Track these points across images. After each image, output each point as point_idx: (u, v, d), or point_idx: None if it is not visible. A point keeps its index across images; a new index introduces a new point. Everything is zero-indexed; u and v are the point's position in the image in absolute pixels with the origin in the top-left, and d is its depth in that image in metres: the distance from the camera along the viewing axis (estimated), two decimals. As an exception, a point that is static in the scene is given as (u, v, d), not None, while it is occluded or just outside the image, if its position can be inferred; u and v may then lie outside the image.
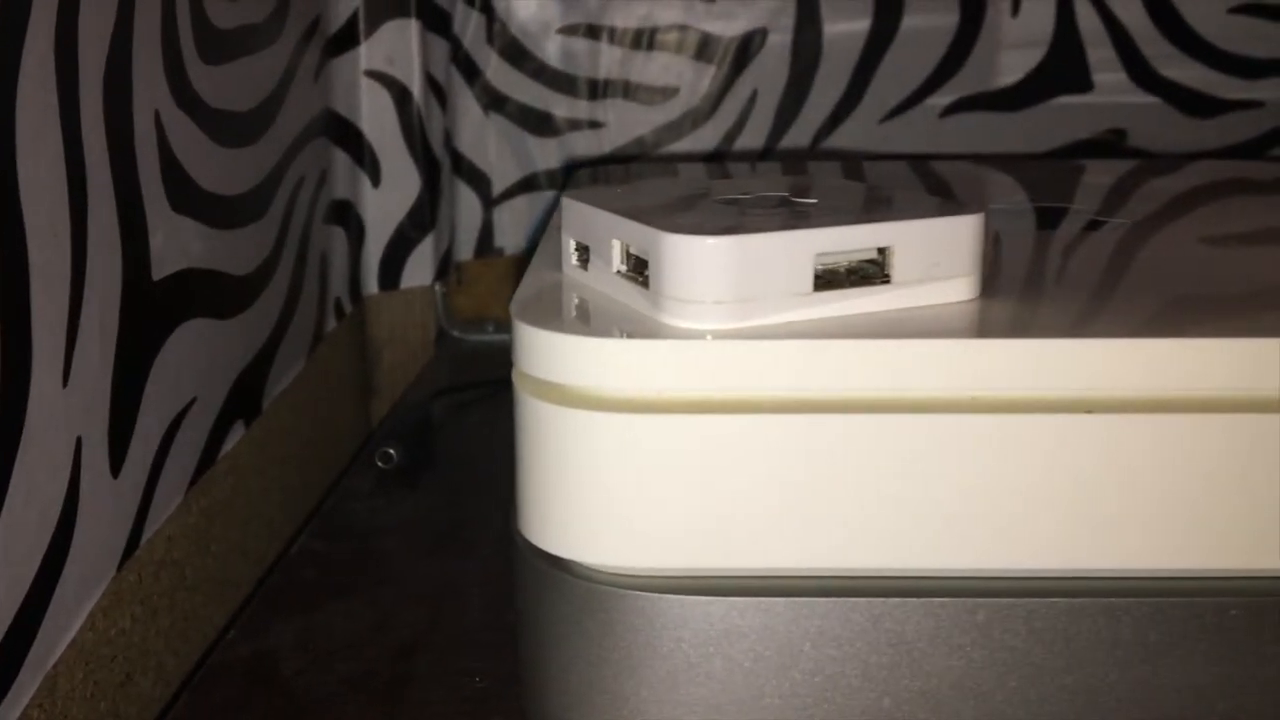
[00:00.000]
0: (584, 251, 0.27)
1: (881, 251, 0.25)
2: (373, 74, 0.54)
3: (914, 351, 0.23)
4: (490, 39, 0.56)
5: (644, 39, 0.56)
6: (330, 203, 0.53)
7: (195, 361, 0.38)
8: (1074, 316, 0.25)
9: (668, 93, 0.57)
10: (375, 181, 0.55)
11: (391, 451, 0.42)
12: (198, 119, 0.38)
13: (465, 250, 0.59)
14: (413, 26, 0.54)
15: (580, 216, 0.27)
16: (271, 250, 0.45)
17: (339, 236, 0.54)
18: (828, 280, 0.24)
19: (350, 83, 0.54)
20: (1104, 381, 0.23)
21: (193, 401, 0.38)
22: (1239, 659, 0.24)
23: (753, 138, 0.57)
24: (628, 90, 0.57)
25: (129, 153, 0.33)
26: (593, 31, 0.56)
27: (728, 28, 0.56)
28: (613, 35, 0.56)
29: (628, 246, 0.25)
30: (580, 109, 0.57)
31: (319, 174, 0.51)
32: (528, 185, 0.58)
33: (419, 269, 0.55)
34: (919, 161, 0.49)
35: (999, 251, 0.31)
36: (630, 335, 0.24)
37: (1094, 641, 0.24)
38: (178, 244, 0.37)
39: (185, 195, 0.37)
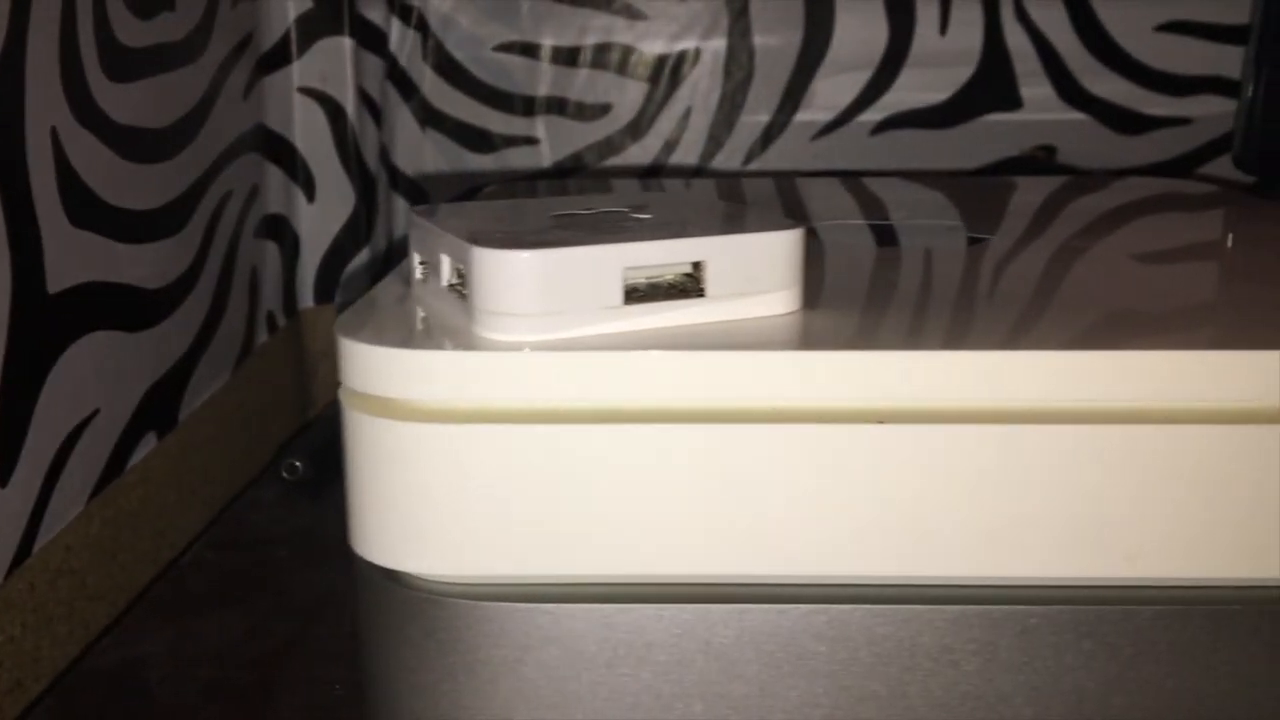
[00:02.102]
0: (425, 266, 0.28)
1: (696, 266, 0.25)
2: (306, 91, 0.55)
3: (717, 363, 0.24)
4: (426, 56, 0.57)
5: (578, 56, 0.57)
6: (263, 217, 0.54)
7: (99, 373, 0.39)
8: (885, 330, 0.26)
9: (602, 110, 0.58)
10: (310, 196, 0.56)
11: (298, 464, 0.42)
12: (103, 136, 0.39)
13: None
14: (346, 44, 0.55)
15: (421, 232, 0.27)
16: (191, 264, 0.46)
17: (271, 250, 0.55)
18: (641, 293, 0.25)
19: (283, 99, 0.55)
20: (897, 392, 0.24)
21: (95, 413, 0.39)
22: (1043, 668, 0.25)
23: (687, 154, 0.58)
24: (563, 107, 0.58)
25: (20, 169, 0.33)
26: (527, 49, 0.57)
27: (660, 46, 0.57)
28: (547, 53, 0.57)
29: (453, 261, 0.26)
30: (516, 125, 0.58)
31: (249, 189, 0.52)
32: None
33: (356, 283, 0.56)
34: (849, 178, 0.50)
35: (849, 266, 0.31)
36: (443, 348, 0.24)
37: (900, 649, 0.25)
38: (78, 258, 0.37)
39: (87, 210, 0.38)
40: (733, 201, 0.29)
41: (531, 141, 0.58)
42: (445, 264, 0.26)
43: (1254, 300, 0.29)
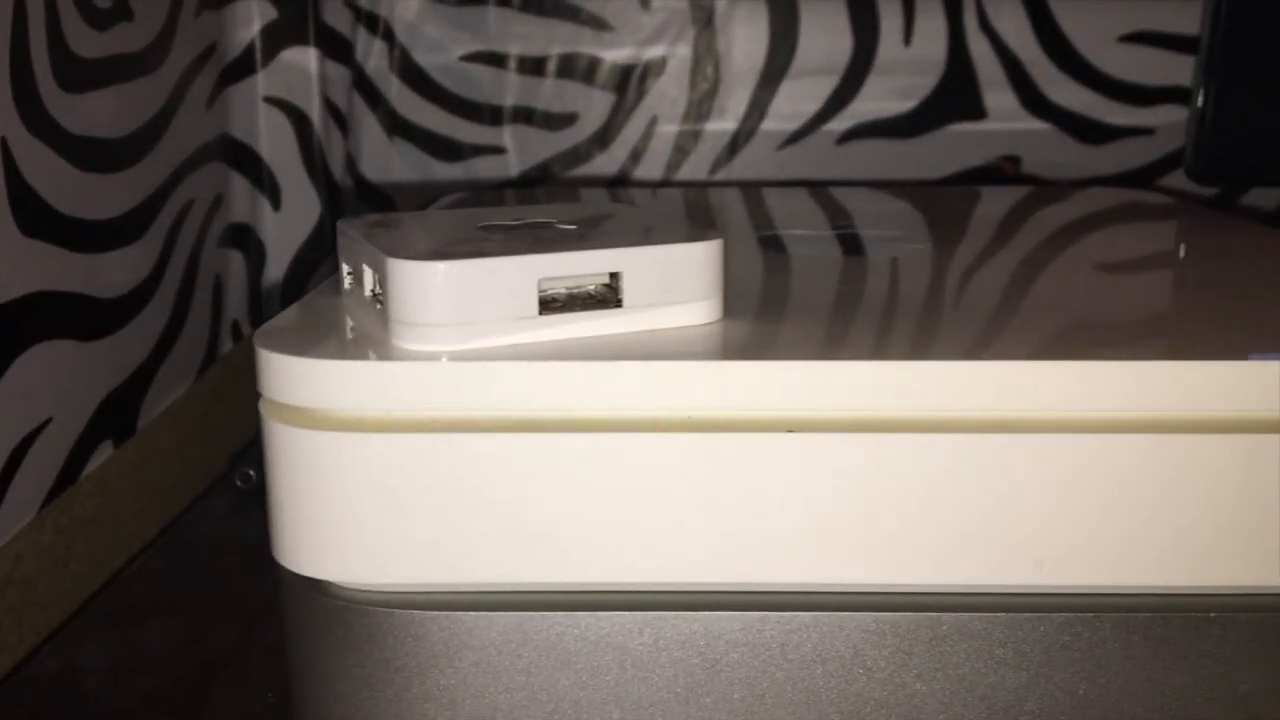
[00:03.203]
0: (351, 276, 0.28)
1: (614, 277, 0.25)
2: (271, 100, 0.56)
3: (622, 372, 0.24)
4: (392, 66, 0.57)
5: (544, 66, 0.57)
6: (227, 226, 0.55)
7: (51, 382, 0.39)
8: (801, 340, 0.26)
9: (568, 119, 0.58)
10: (276, 205, 0.56)
11: (251, 472, 0.43)
12: (56, 146, 0.39)
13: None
14: (311, 54, 0.55)
15: (347, 242, 0.28)
16: (150, 273, 0.46)
17: (236, 259, 0.55)
18: (560, 304, 0.25)
19: (249, 108, 0.55)
20: (805, 401, 0.24)
21: (48, 421, 0.39)
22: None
23: (653, 163, 0.58)
24: (530, 117, 0.58)
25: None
26: (494, 59, 0.57)
27: (626, 55, 0.57)
28: (513, 62, 0.57)
29: (374, 271, 0.26)
30: (483, 135, 0.58)
31: (213, 198, 0.53)
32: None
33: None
34: (820, 188, 0.50)
35: (779, 276, 0.31)
36: (357, 358, 0.24)
37: (814, 655, 0.25)
38: (29, 268, 0.38)
39: (39, 220, 0.38)
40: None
41: (499, 151, 0.58)
42: (367, 274, 0.26)
43: (1169, 310, 0.29)
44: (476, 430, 0.24)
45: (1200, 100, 0.43)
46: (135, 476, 0.45)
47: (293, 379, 0.24)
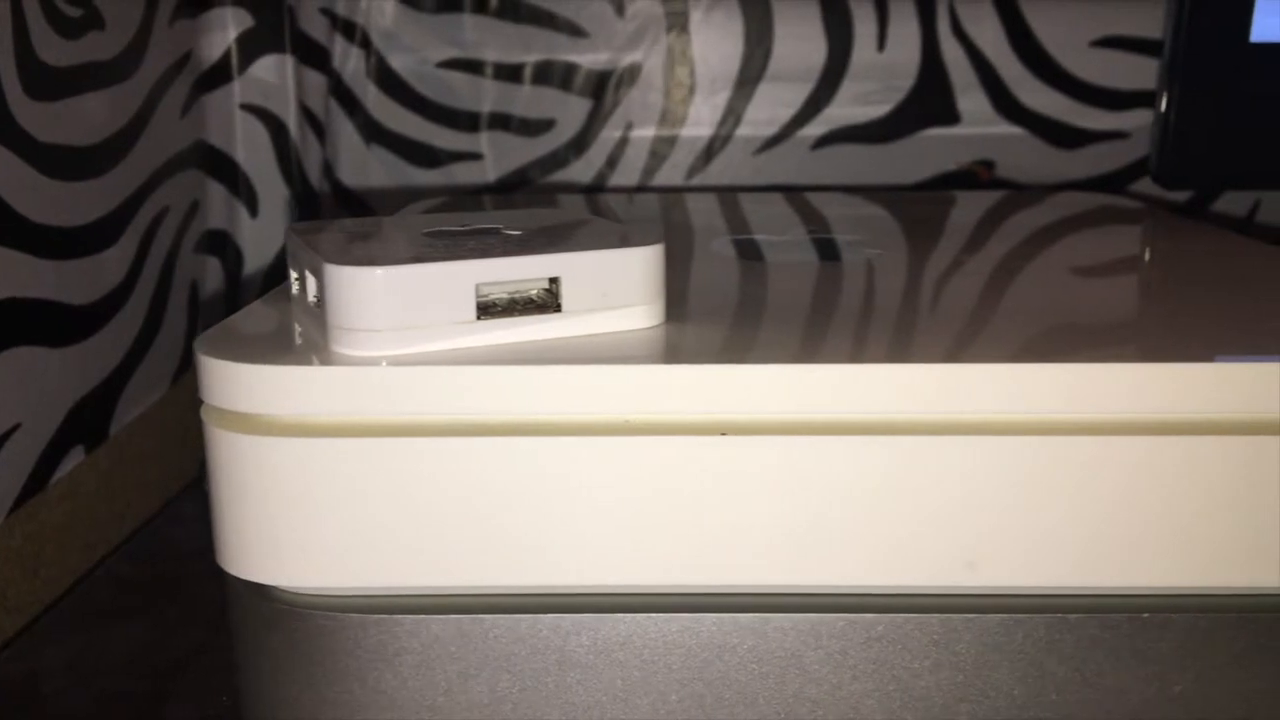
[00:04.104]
0: (299, 282, 0.28)
1: (553, 282, 0.26)
2: (248, 107, 0.56)
3: (554, 376, 0.24)
4: (370, 73, 0.57)
5: (521, 73, 0.57)
6: (204, 233, 0.55)
7: (20, 388, 0.39)
8: (739, 344, 0.26)
9: (545, 125, 0.58)
10: (253, 212, 0.57)
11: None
12: (24, 154, 0.40)
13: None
14: (287, 62, 0.56)
15: (294, 248, 0.28)
16: (123, 279, 0.46)
17: (213, 266, 0.56)
18: (498, 309, 0.25)
19: (225, 116, 0.56)
20: (739, 405, 0.24)
21: (16, 427, 0.39)
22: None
23: (630, 169, 0.59)
24: (507, 123, 0.58)
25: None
26: (471, 66, 0.57)
27: (602, 62, 0.57)
28: (489, 69, 0.57)
29: (315, 277, 0.26)
30: (461, 141, 0.58)
31: (188, 205, 0.53)
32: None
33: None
34: (795, 194, 0.50)
35: (732, 281, 0.32)
36: (295, 363, 0.25)
37: (751, 656, 0.25)
38: (-1, 275, 0.38)
39: (6, 227, 0.38)
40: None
41: (476, 157, 0.59)
42: (310, 280, 0.27)
43: (1115, 314, 0.29)
44: (415, 434, 0.24)
45: (1164, 104, 0.43)
46: (107, 482, 0.45)
47: (232, 385, 0.25)
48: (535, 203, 0.51)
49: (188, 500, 0.45)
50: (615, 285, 0.26)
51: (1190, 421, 0.25)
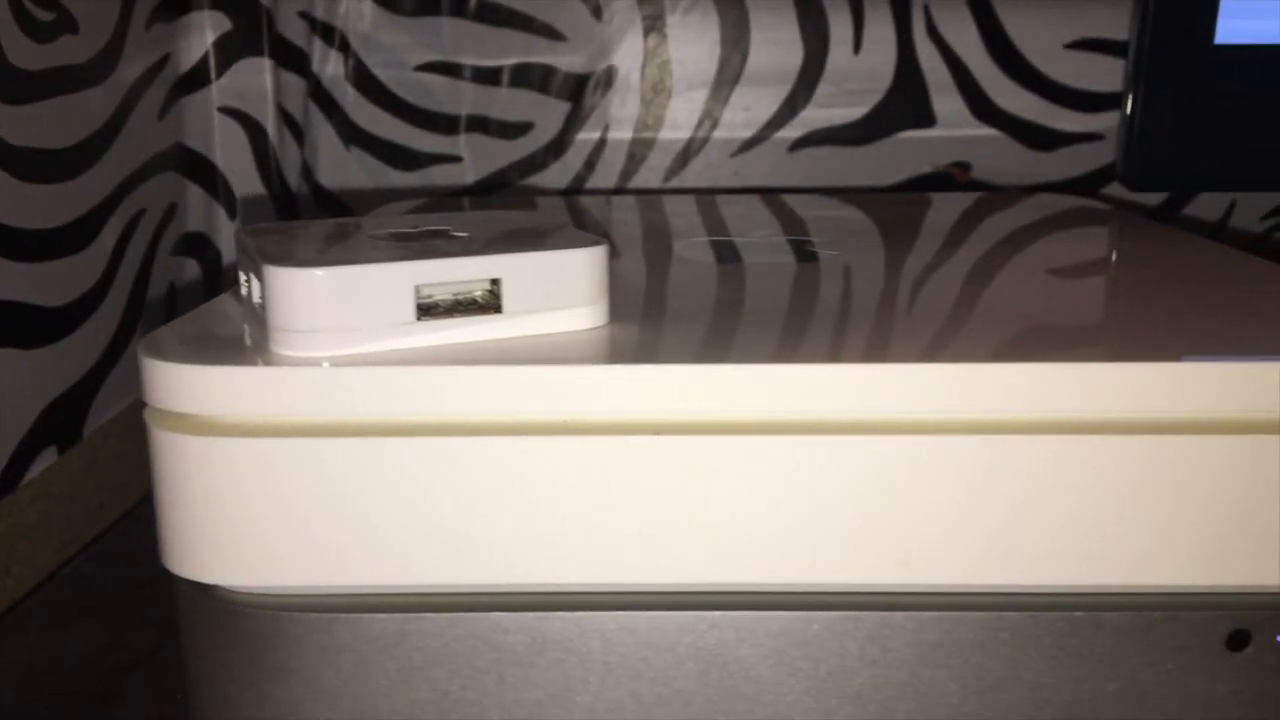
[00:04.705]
0: (247, 283, 0.28)
1: (495, 283, 0.26)
2: (226, 110, 0.56)
3: (490, 376, 0.24)
4: (348, 76, 0.58)
5: (498, 75, 0.58)
6: (182, 235, 0.55)
7: (-9, 389, 0.40)
8: (679, 344, 0.26)
9: (523, 128, 0.58)
10: (231, 214, 0.57)
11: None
12: (-4, 157, 0.40)
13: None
14: (266, 65, 0.56)
15: (242, 248, 0.28)
16: (98, 281, 0.47)
17: (192, 268, 0.56)
18: (440, 310, 0.26)
19: (204, 119, 0.56)
20: (673, 405, 0.24)
21: (-13, 427, 0.40)
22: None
23: (608, 171, 0.59)
24: (485, 126, 0.58)
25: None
26: (449, 69, 0.58)
27: (580, 65, 0.58)
28: (468, 72, 0.58)
29: (257, 278, 0.27)
30: (440, 144, 0.59)
31: (166, 207, 0.53)
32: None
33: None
34: (772, 195, 0.51)
35: (686, 282, 0.32)
36: (235, 363, 0.25)
37: (690, 654, 0.25)
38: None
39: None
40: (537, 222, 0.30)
41: (455, 160, 0.59)
42: (254, 281, 0.27)
43: (1062, 314, 0.29)
44: (355, 434, 0.25)
45: (1129, 107, 0.43)
46: (81, 483, 0.45)
47: (172, 385, 0.25)
48: (514, 205, 0.51)
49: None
50: (557, 286, 0.26)
51: (1122, 421, 0.25)
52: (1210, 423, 0.24)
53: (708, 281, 0.33)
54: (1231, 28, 0.42)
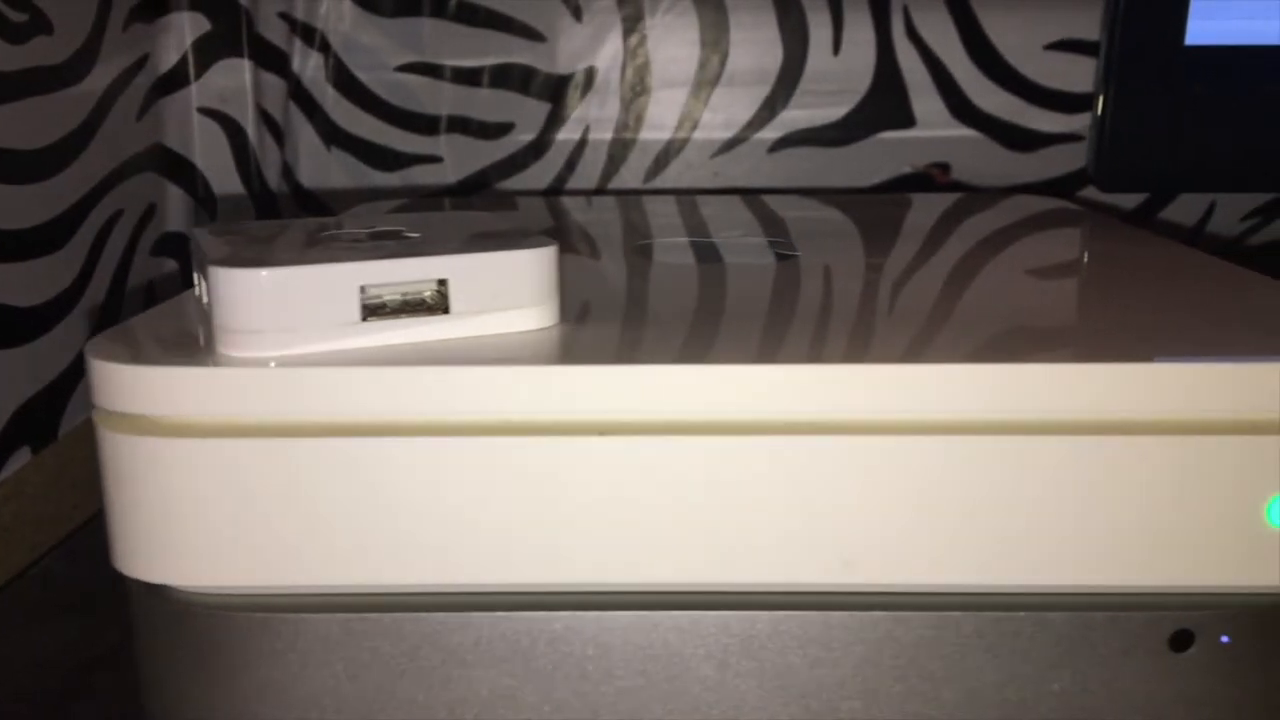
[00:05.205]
0: (201, 284, 0.28)
1: (442, 283, 0.26)
2: (206, 111, 0.56)
3: (436, 377, 0.25)
4: (329, 76, 0.58)
5: (479, 76, 0.58)
6: (161, 235, 0.55)
7: (-39, 389, 0.40)
8: (625, 345, 0.26)
9: (504, 129, 0.59)
10: (211, 215, 0.57)
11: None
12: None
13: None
14: (245, 66, 0.56)
15: (196, 249, 0.28)
16: (73, 281, 0.47)
17: (172, 268, 0.56)
18: (388, 310, 0.26)
19: (183, 119, 0.56)
20: (617, 405, 0.25)
21: (-42, 427, 0.40)
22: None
23: (588, 172, 0.59)
24: (466, 126, 0.59)
25: None
26: (429, 69, 0.58)
27: (560, 66, 0.58)
28: (448, 72, 0.58)
29: (204, 278, 0.27)
30: (420, 144, 0.59)
31: (144, 207, 0.53)
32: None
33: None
34: (754, 195, 0.51)
35: (641, 284, 0.32)
36: (179, 364, 0.25)
37: (633, 654, 0.26)
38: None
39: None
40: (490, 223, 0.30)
41: (435, 160, 0.59)
42: (204, 282, 0.27)
43: (1007, 314, 0.29)
44: (301, 435, 0.25)
45: (1100, 107, 0.43)
46: (55, 482, 0.45)
47: (119, 386, 0.25)
48: (497, 206, 0.51)
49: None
50: (504, 287, 0.26)
51: (1064, 423, 0.25)
52: (1151, 424, 0.24)
53: (665, 281, 0.33)
54: (1202, 29, 0.42)
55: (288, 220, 0.31)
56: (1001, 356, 0.25)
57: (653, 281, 0.33)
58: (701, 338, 0.27)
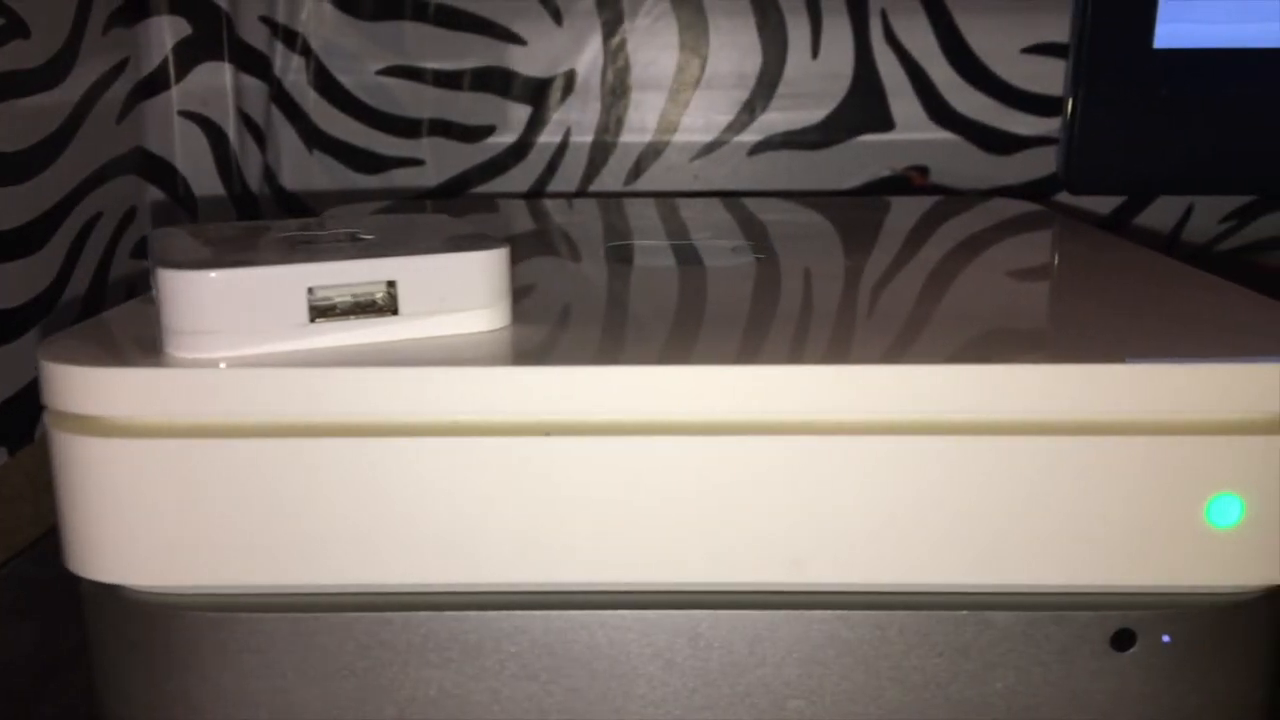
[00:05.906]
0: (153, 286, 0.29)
1: (391, 285, 0.26)
2: (187, 114, 0.57)
3: (381, 378, 0.25)
4: (310, 80, 0.58)
5: (460, 79, 0.58)
6: (142, 238, 0.56)
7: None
8: (572, 346, 0.27)
9: (485, 132, 0.59)
10: (193, 217, 0.58)
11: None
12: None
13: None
14: (226, 69, 0.57)
15: (150, 251, 0.29)
16: (51, 283, 0.47)
17: (152, 270, 0.56)
18: (336, 312, 0.26)
19: (164, 123, 0.56)
20: (561, 406, 0.25)
21: (-66, 428, 0.40)
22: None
23: (569, 174, 0.59)
24: (447, 129, 0.59)
25: None
26: (410, 72, 0.58)
27: (540, 69, 0.58)
28: (429, 76, 0.58)
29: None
30: (402, 147, 0.59)
31: (125, 210, 0.54)
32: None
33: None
34: (739, 199, 0.51)
35: (605, 286, 0.32)
36: (128, 365, 0.25)
37: (582, 653, 0.26)
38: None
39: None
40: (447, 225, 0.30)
41: (417, 163, 0.59)
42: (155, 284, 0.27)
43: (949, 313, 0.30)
44: (249, 435, 0.25)
45: (1070, 110, 0.43)
46: (32, 483, 0.46)
47: (70, 388, 0.25)
48: (475, 208, 0.52)
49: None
50: (453, 289, 0.27)
51: (1009, 423, 0.25)
52: (1092, 425, 0.25)
53: (624, 283, 0.33)
54: (1170, 32, 0.43)
55: (248, 222, 0.31)
56: (934, 359, 0.25)
57: (607, 283, 0.33)
58: (648, 339, 0.27)
